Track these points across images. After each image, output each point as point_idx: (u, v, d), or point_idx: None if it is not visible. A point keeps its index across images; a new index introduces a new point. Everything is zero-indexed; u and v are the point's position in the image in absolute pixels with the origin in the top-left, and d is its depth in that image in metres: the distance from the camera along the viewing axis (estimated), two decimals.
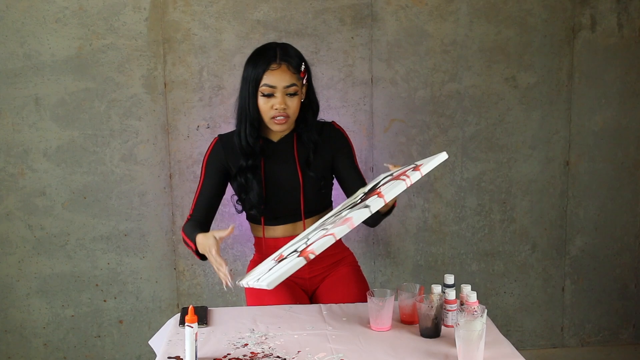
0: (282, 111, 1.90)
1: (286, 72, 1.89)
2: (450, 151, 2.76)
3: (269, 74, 1.88)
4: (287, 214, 2.03)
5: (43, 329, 2.70)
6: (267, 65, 1.89)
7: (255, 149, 1.96)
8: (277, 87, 1.88)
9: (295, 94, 1.90)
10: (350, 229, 1.51)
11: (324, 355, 1.59)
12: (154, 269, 2.70)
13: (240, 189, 2.01)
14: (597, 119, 2.81)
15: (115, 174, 2.62)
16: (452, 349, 1.59)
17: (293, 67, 1.90)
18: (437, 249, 2.82)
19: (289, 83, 1.89)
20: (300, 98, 1.93)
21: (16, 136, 2.56)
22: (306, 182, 2.00)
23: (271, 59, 1.89)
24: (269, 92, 1.89)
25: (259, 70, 1.89)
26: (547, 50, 2.74)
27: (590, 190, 2.86)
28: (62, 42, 2.52)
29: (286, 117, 1.91)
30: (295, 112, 1.93)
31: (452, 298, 1.74)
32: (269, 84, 1.88)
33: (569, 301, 2.93)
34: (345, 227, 1.51)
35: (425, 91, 2.71)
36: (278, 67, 1.88)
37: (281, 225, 2.04)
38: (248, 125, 1.94)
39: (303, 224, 2.03)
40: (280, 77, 1.88)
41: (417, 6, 2.66)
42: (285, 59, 1.90)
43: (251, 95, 1.91)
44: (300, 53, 1.97)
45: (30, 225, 2.62)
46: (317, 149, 2.01)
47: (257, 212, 2.01)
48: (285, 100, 1.89)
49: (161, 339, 1.84)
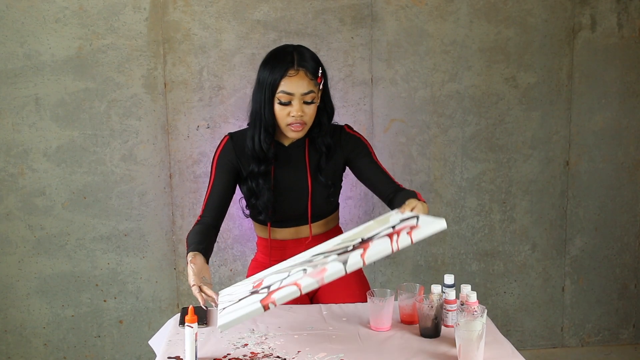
0: (299, 118, 1.85)
1: (304, 79, 1.83)
2: (450, 151, 2.76)
3: (286, 81, 1.82)
4: (294, 218, 2.01)
5: (43, 329, 2.70)
6: (284, 71, 1.82)
7: (268, 155, 1.91)
8: (295, 95, 1.83)
9: (312, 101, 1.85)
10: (319, 285, 1.49)
11: (324, 355, 1.59)
12: (154, 269, 2.70)
13: (249, 193, 1.97)
14: (597, 119, 2.82)
15: (115, 174, 2.62)
16: (452, 349, 1.59)
17: (310, 73, 1.84)
18: (437, 249, 2.82)
19: (306, 90, 1.83)
20: (316, 105, 1.89)
21: (16, 136, 2.56)
22: (315, 188, 1.97)
23: (289, 64, 1.83)
24: (286, 100, 1.84)
25: (276, 76, 1.83)
26: (547, 50, 2.74)
27: (590, 190, 2.86)
28: (62, 42, 2.52)
29: (303, 124, 1.87)
30: (311, 119, 1.89)
31: (452, 298, 1.74)
32: (286, 90, 1.83)
33: (569, 301, 2.93)
34: (315, 282, 1.48)
35: (425, 91, 2.71)
36: (296, 73, 1.82)
37: (288, 228, 2.02)
38: (262, 131, 1.89)
39: (309, 228, 2.01)
40: (297, 83, 1.82)
41: (417, 6, 2.66)
42: (303, 64, 1.84)
43: (267, 101, 1.85)
44: (317, 56, 1.91)
45: (30, 225, 2.62)
46: (329, 154, 1.97)
47: (265, 218, 1.99)
48: (302, 108, 1.84)
49: (161, 339, 1.83)
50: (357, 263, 1.48)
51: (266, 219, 1.99)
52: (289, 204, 1.97)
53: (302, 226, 2.01)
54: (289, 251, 2.00)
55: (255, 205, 1.97)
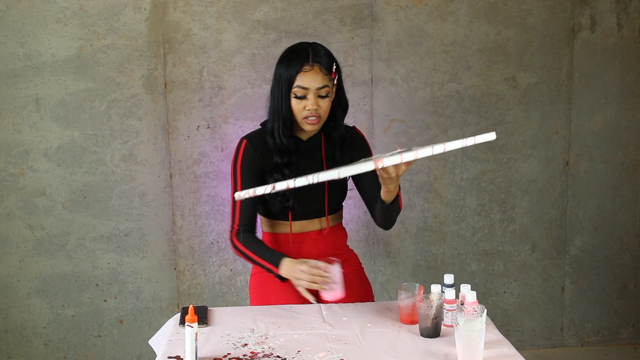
0: (314, 112, 1.94)
1: (318, 74, 1.92)
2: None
3: (301, 76, 1.92)
4: (312, 211, 2.08)
5: (43, 329, 2.70)
6: (300, 66, 1.92)
7: (289, 147, 2.01)
8: (310, 89, 1.92)
9: (326, 95, 1.95)
10: (334, 177, 1.62)
11: (324, 355, 1.59)
12: (154, 269, 2.71)
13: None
14: (597, 119, 2.82)
15: (116, 174, 2.63)
16: (452, 349, 1.60)
17: (325, 69, 1.93)
18: (437, 249, 2.83)
19: (321, 85, 1.93)
20: (331, 99, 1.98)
21: (17, 136, 2.57)
22: (332, 182, 2.05)
23: (304, 60, 1.92)
24: (301, 94, 1.93)
25: (292, 71, 1.93)
26: (547, 50, 2.74)
27: (590, 190, 2.86)
28: (62, 42, 2.53)
29: (318, 118, 1.96)
30: (326, 112, 1.98)
31: (452, 298, 1.74)
32: (301, 85, 1.92)
33: (569, 301, 2.94)
34: (335, 174, 1.61)
35: (425, 91, 2.71)
36: (311, 68, 1.92)
37: (307, 220, 2.09)
38: (281, 124, 1.98)
39: (327, 220, 2.09)
40: (312, 78, 1.92)
41: (417, 6, 2.66)
42: (317, 60, 1.93)
43: (284, 96, 1.95)
44: (331, 52, 2.00)
45: (30, 225, 2.62)
46: (343, 146, 2.08)
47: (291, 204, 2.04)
48: (317, 102, 1.94)
49: (161, 339, 1.84)
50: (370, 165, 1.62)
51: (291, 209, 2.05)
52: (308, 196, 2.05)
53: (320, 218, 2.09)
54: (308, 244, 2.08)
55: (284, 195, 2.02)
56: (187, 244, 2.70)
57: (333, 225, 2.12)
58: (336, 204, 2.12)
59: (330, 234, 2.10)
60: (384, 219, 2.02)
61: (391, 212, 1.96)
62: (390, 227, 2.09)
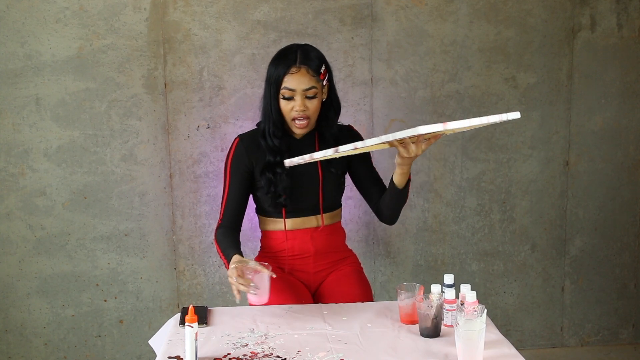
0: (302, 113, 1.96)
1: (305, 76, 1.94)
2: (450, 151, 2.76)
3: (288, 77, 1.94)
4: (307, 208, 2.09)
5: (43, 329, 2.70)
6: (287, 68, 1.94)
7: (281, 148, 2.03)
8: (297, 90, 1.94)
9: (314, 96, 1.97)
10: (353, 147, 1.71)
11: (324, 355, 1.59)
12: (154, 269, 2.71)
13: (269, 183, 2.04)
14: (597, 119, 2.82)
15: (116, 174, 2.63)
16: (452, 349, 1.60)
17: (312, 70, 1.95)
18: (437, 249, 2.83)
19: (308, 86, 1.95)
20: (320, 99, 2.00)
21: (17, 136, 2.57)
22: (325, 177, 2.07)
23: (291, 62, 1.95)
24: (289, 95, 1.95)
25: (279, 72, 1.95)
26: (546, 50, 2.74)
27: (590, 190, 2.86)
28: (62, 42, 2.53)
29: (307, 119, 1.98)
30: (315, 113, 2.00)
31: (452, 298, 1.74)
32: (288, 87, 1.94)
33: (569, 301, 2.94)
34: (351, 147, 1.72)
35: (425, 91, 2.71)
36: (297, 70, 1.94)
37: (301, 218, 2.09)
38: (272, 125, 2.01)
39: (322, 218, 2.09)
40: (299, 80, 1.94)
41: (417, 6, 2.66)
42: (305, 62, 1.95)
43: (273, 97, 1.98)
44: (321, 54, 2.02)
45: (30, 225, 2.62)
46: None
47: (285, 201, 2.05)
48: (304, 103, 1.96)
49: (161, 339, 1.84)
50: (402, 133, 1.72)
51: (284, 205, 2.05)
52: (303, 194, 2.06)
53: (316, 215, 2.10)
54: (303, 242, 2.08)
55: (275, 192, 2.03)
56: (187, 244, 2.70)
57: (330, 224, 2.12)
58: (331, 200, 2.12)
59: (326, 232, 2.10)
60: (392, 208, 2.04)
61: (401, 200, 1.99)
62: (394, 221, 2.10)
